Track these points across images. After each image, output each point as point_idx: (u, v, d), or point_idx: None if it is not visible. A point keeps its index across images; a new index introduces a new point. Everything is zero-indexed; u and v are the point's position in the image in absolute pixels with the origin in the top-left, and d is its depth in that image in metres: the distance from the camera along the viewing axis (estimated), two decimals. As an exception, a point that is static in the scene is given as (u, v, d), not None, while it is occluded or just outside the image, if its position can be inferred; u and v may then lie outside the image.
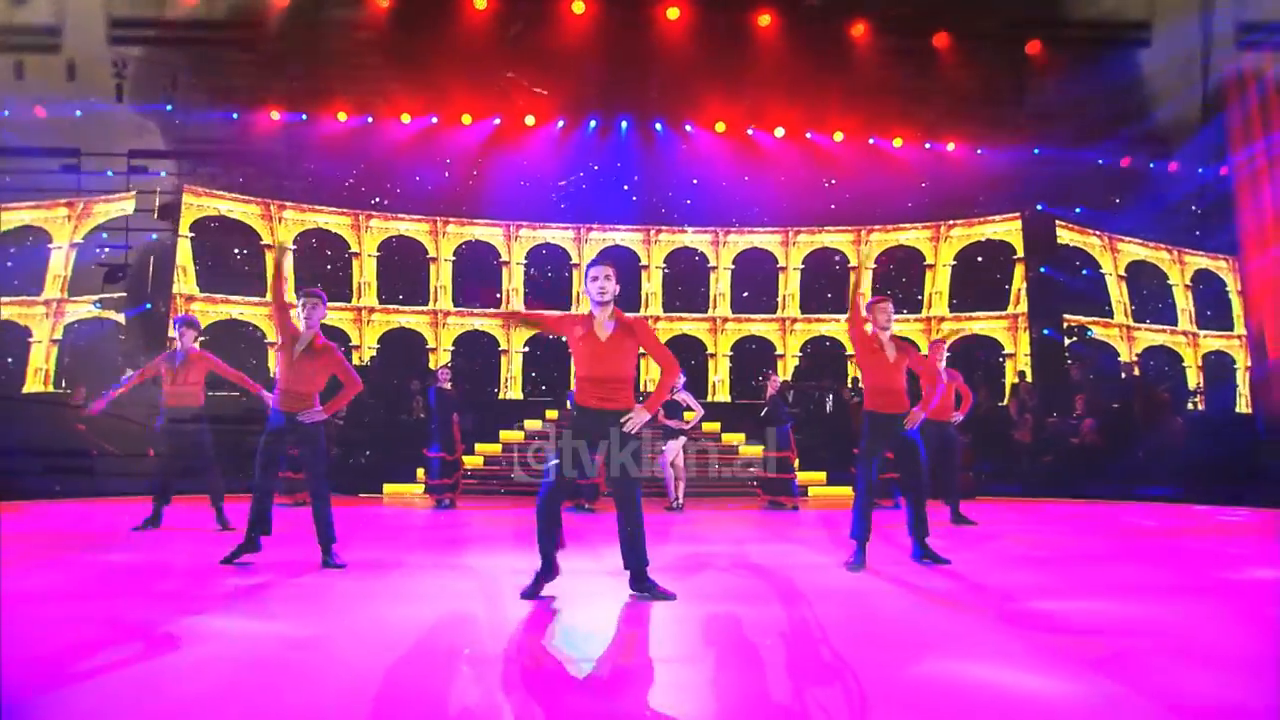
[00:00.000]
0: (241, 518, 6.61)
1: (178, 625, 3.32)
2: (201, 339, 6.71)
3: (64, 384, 13.65)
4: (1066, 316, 15.64)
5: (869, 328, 5.02)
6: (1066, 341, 15.44)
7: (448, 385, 8.82)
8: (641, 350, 4.01)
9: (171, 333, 13.60)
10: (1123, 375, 12.78)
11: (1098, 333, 15.90)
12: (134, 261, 13.89)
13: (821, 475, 10.62)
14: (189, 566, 4.67)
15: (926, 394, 5.28)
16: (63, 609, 3.60)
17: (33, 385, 14.12)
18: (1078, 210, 16.21)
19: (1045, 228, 15.78)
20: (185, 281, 14.46)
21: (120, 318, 13.91)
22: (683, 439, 8.14)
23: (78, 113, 13.48)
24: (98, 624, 3.30)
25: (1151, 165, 15.91)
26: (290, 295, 5.08)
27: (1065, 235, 16.01)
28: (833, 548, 5.99)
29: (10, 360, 14.21)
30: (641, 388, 13.82)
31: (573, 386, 4.13)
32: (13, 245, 14.61)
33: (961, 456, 6.90)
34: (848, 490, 9.96)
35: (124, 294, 13.84)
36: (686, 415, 8.18)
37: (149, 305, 13.87)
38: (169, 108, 14.00)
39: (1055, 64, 13.31)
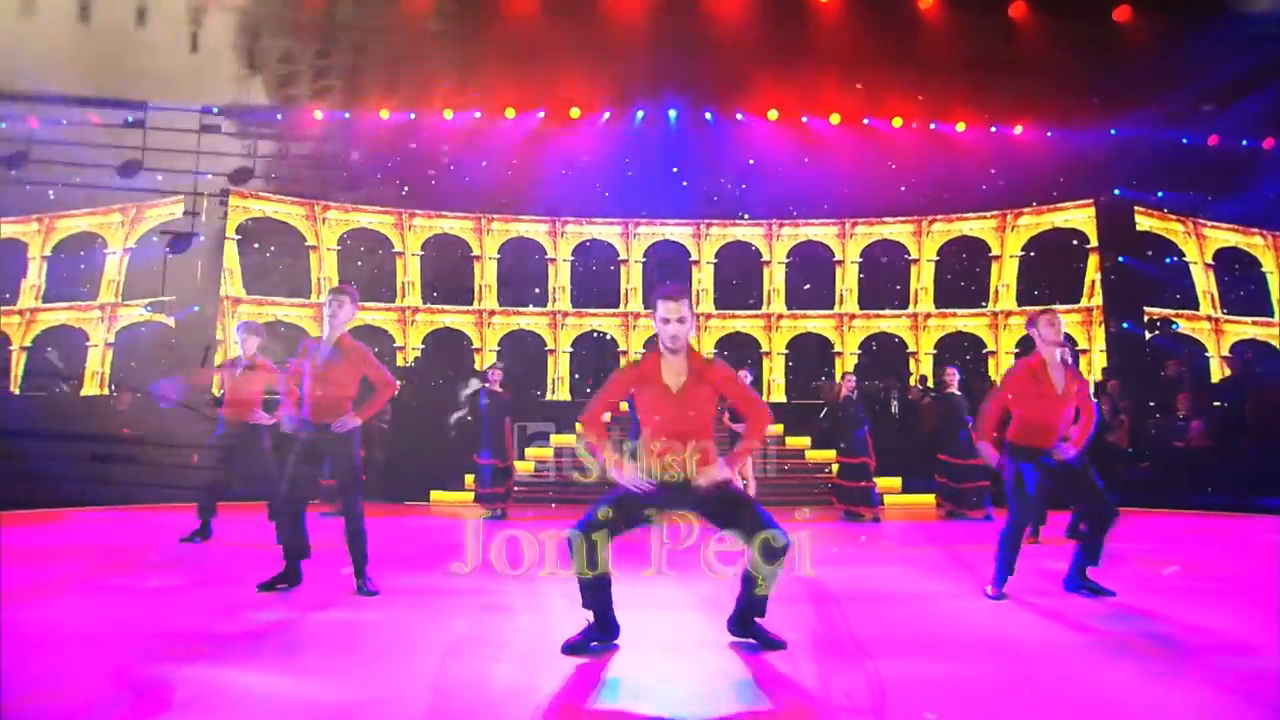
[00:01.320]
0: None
1: (193, 682, 2.86)
2: (264, 345, 6.27)
3: (113, 388, 13.71)
4: (1148, 309, 14.55)
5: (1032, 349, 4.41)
6: (1148, 335, 14.35)
7: (499, 387, 8.36)
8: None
9: (220, 334, 13.86)
10: (1252, 370, 11.59)
11: (1183, 326, 14.75)
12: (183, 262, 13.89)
13: (896, 481, 9.86)
14: (220, 594, 4.24)
15: (1084, 427, 4.50)
16: (69, 657, 3.19)
17: (90, 389, 14.25)
18: (1159, 194, 15.08)
19: (1122, 214, 14.72)
20: (232, 284, 14.41)
21: (170, 321, 13.93)
22: (748, 445, 7.48)
23: (129, 118, 13.54)
24: (102, 679, 2.87)
25: (1244, 143, 14.71)
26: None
27: (1144, 222, 14.92)
28: (948, 570, 5.29)
29: (94, 370, 14.34)
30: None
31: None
32: (81, 249, 14.81)
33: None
34: (928, 499, 9.23)
35: (173, 296, 13.85)
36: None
37: (197, 308, 13.86)
38: (215, 110, 13.96)
39: (1142, 35, 12.26)
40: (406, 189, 15.39)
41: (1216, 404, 10.14)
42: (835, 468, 8.67)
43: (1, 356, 14.38)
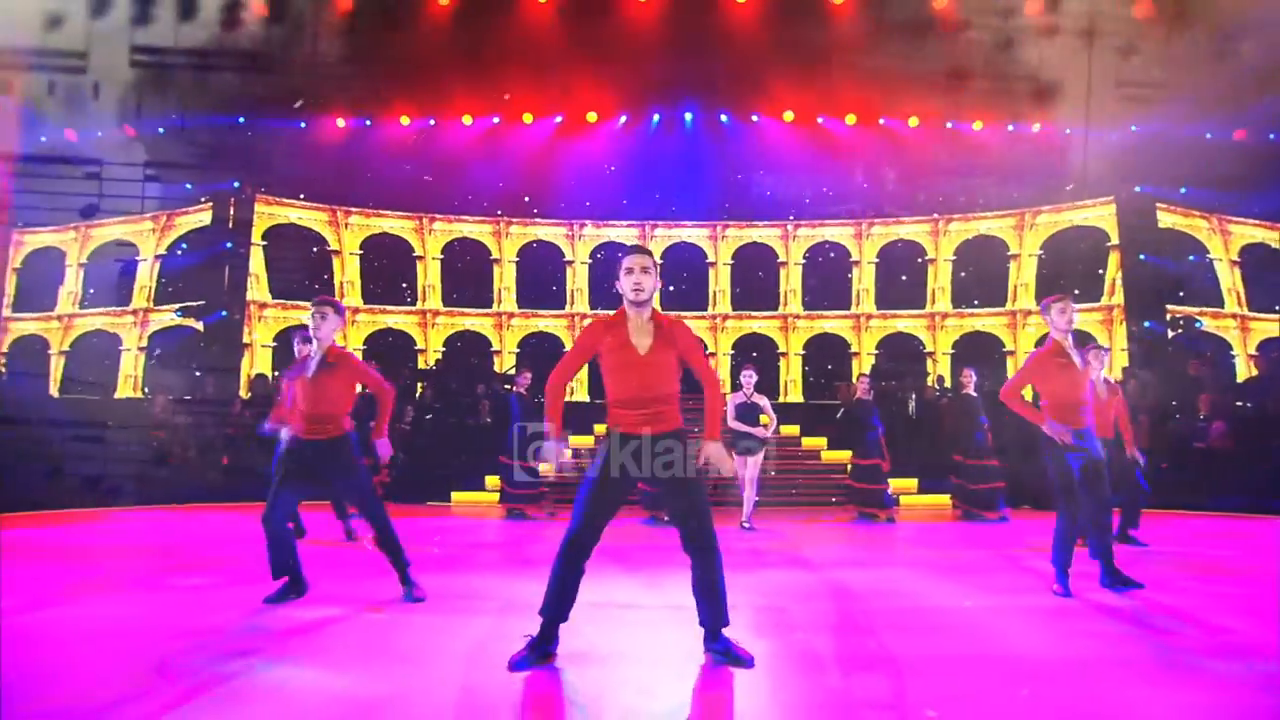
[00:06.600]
0: (322, 527, 6.39)
1: (231, 673, 3.05)
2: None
3: (147, 392, 14.09)
4: (1170, 307, 14.40)
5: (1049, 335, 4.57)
6: (1170, 334, 14.19)
7: (525, 391, 8.52)
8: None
9: (246, 338, 14.20)
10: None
11: (1208, 324, 14.55)
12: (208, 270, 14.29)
13: (913, 483, 9.92)
14: (258, 592, 4.33)
15: (1123, 426, 4.74)
16: (114, 650, 3.40)
17: (124, 391, 14.66)
18: (1182, 190, 14.88)
19: (1144, 211, 14.57)
20: (258, 288, 14.75)
21: (199, 325, 14.31)
22: (763, 450, 7.53)
23: (160, 129, 13.95)
24: (144, 670, 3.07)
25: (1272, 137, 14.46)
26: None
27: (1167, 219, 14.75)
28: (955, 572, 5.35)
29: (128, 374, 14.69)
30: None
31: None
32: (109, 259, 15.22)
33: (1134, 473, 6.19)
34: (944, 499, 9.28)
35: (202, 302, 14.22)
36: (763, 420, 7.60)
37: (224, 313, 14.21)
38: (241, 119, 14.31)
39: (1164, 26, 12.09)
40: (440, 198, 15.58)
41: (1240, 404, 10.01)
42: (850, 469, 8.74)
43: (41, 361, 14.86)
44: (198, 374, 13.75)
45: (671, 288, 15.69)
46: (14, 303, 15.16)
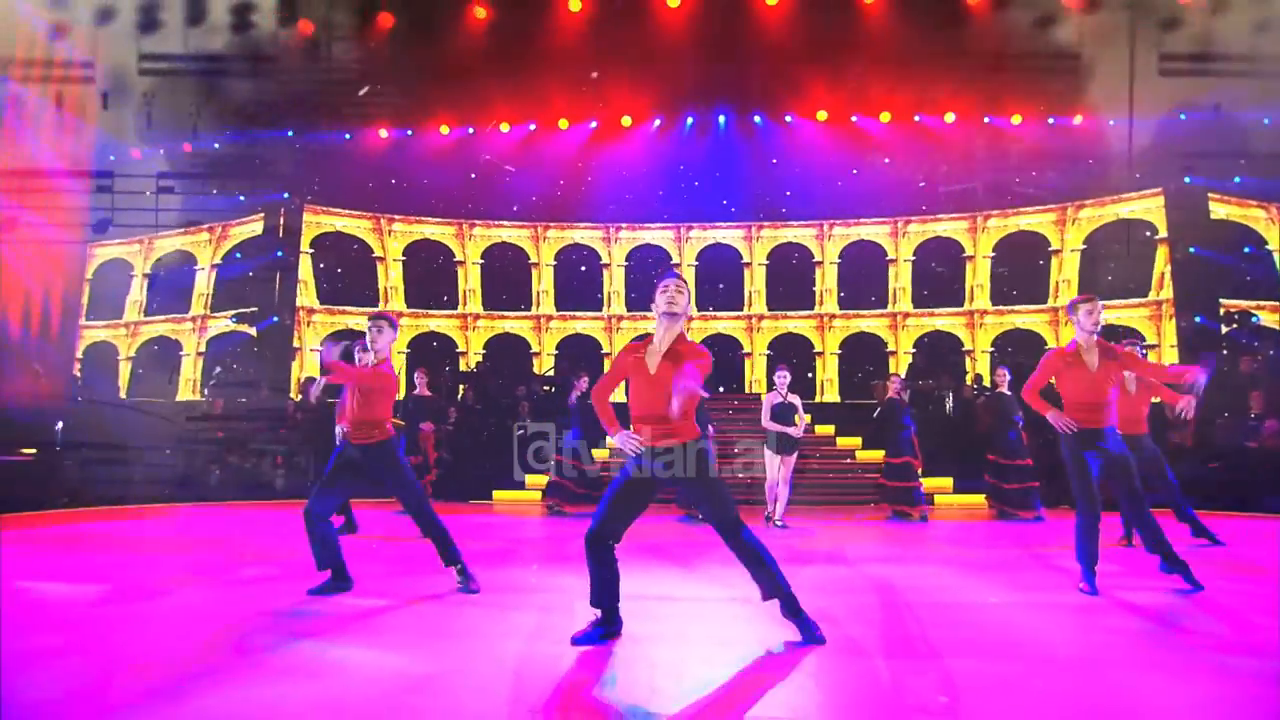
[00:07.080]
0: (372, 523, 6.72)
1: (299, 653, 3.34)
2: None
3: (206, 393, 14.80)
4: (1224, 301, 13.96)
5: (1069, 334, 4.75)
6: (1224, 329, 13.77)
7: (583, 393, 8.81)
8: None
9: (297, 343, 14.82)
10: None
11: (1266, 319, 14.06)
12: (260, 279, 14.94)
13: (948, 481, 9.91)
14: (312, 584, 4.59)
15: (1162, 391, 5.00)
16: (198, 629, 3.74)
17: (184, 394, 15.43)
18: (1236, 180, 14.39)
19: (1195, 202, 14.15)
20: (307, 295, 15.36)
21: (253, 331, 14.97)
22: (797, 449, 7.63)
23: (216, 144, 14.65)
24: (226, 650, 3.38)
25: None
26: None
27: (1220, 210, 14.31)
28: (979, 569, 5.41)
29: (188, 377, 15.48)
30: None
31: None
32: (165, 269, 16.01)
33: (1163, 468, 5.98)
34: (978, 499, 9.25)
35: (255, 308, 14.87)
36: (795, 419, 7.70)
37: (276, 318, 14.85)
38: (290, 133, 14.91)
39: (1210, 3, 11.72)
40: (480, 205, 15.98)
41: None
42: (883, 468, 8.78)
43: (111, 366, 15.74)
44: (253, 377, 14.41)
45: (709, 288, 15.84)
46: (86, 312, 16.07)
